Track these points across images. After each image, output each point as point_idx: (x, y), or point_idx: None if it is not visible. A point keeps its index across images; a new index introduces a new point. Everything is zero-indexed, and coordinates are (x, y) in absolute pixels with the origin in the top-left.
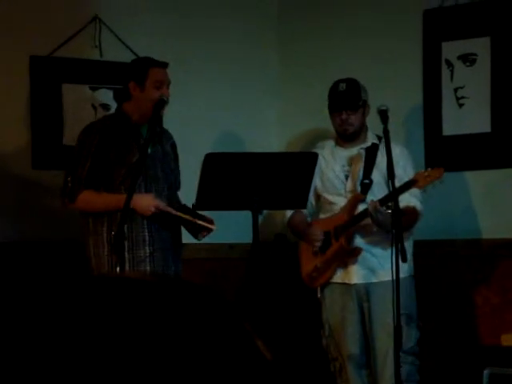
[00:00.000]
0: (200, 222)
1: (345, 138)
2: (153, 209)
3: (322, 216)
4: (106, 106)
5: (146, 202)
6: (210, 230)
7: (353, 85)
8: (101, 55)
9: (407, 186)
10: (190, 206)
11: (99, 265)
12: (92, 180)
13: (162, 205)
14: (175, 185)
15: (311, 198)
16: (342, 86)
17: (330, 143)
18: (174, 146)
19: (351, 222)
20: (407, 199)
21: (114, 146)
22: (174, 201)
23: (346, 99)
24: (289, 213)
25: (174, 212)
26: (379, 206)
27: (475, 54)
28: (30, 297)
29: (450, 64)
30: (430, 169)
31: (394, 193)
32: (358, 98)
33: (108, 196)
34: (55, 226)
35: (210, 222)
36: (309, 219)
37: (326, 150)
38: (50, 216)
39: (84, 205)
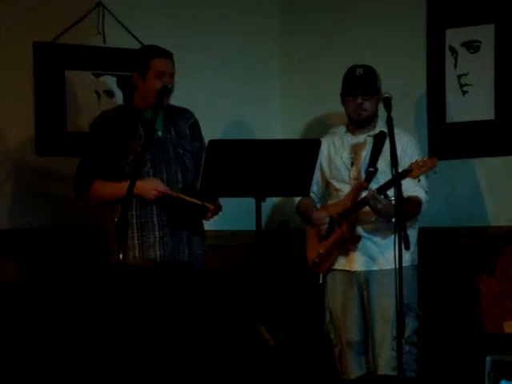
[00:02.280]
0: (201, 202)
1: (357, 123)
2: (154, 192)
3: (329, 202)
4: (109, 93)
5: (147, 186)
6: (213, 211)
7: (370, 71)
8: (104, 42)
9: (402, 176)
10: None
11: (113, 250)
12: (100, 170)
13: (164, 188)
14: (194, 167)
15: (320, 184)
16: (360, 70)
17: (342, 129)
18: (193, 125)
19: (352, 210)
20: (412, 189)
21: (120, 134)
22: (189, 183)
23: (363, 84)
24: (298, 198)
25: (174, 194)
26: (377, 195)
27: (479, 41)
28: (31, 285)
29: (453, 51)
30: (424, 158)
31: (391, 182)
32: (374, 83)
33: (114, 185)
34: (59, 212)
35: (213, 202)
36: (318, 205)
37: (336, 136)
38: (53, 203)
39: (95, 195)
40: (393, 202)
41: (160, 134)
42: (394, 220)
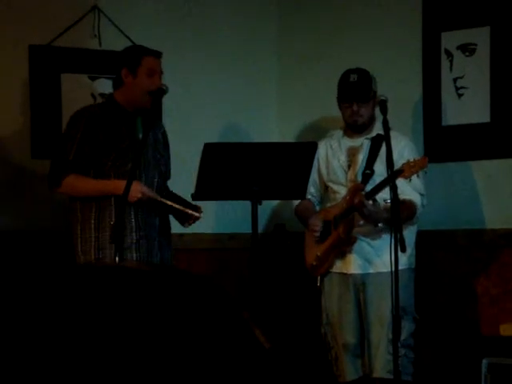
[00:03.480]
0: (185, 210)
1: (354, 128)
2: (139, 195)
3: (328, 205)
4: (105, 96)
5: (133, 188)
6: (195, 218)
7: (364, 76)
8: (100, 45)
9: (394, 176)
10: (189, 196)
11: (86, 250)
12: (79, 164)
13: (149, 191)
14: (166, 173)
15: (319, 187)
16: (354, 76)
17: (339, 133)
18: (164, 134)
19: (347, 212)
20: (408, 192)
21: (104, 129)
22: (163, 188)
23: (358, 91)
24: (296, 201)
25: (158, 198)
26: (365, 201)
27: (475, 44)
28: (28, 287)
29: (449, 54)
30: (416, 158)
31: (380, 186)
32: (369, 89)
33: (94, 181)
34: (55, 215)
35: (196, 209)
36: (317, 207)
37: (334, 140)
38: (49, 205)
39: (70, 189)
40: (388, 204)
41: (141, 136)
42: (380, 225)
